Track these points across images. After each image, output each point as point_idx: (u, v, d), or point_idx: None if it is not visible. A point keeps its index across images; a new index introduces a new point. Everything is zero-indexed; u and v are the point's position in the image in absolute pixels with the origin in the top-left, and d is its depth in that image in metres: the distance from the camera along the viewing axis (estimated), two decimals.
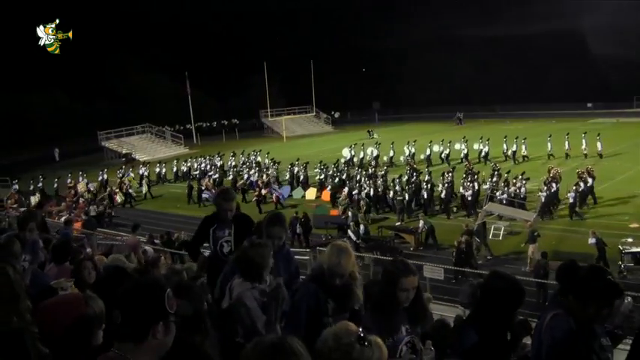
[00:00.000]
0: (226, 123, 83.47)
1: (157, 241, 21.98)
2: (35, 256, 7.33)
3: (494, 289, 4.19)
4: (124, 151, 60.29)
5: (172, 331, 2.79)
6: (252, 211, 29.56)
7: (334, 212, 29.57)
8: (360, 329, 2.80)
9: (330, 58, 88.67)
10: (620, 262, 19.49)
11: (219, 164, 44.67)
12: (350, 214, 27.11)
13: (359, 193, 31.60)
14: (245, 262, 4.98)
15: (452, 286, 18.22)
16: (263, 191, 33.69)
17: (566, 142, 40.97)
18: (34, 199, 38.21)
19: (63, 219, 29.63)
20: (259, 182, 35.26)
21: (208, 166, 44.31)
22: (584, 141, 41.07)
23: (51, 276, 6.72)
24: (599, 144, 40.55)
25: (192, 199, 36.64)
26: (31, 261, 7.12)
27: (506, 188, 28.90)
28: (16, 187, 39.81)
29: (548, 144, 40.99)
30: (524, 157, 41.48)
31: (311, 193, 35.41)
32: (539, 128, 51.61)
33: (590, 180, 29.26)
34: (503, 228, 24.95)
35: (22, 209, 33.77)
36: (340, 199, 30.98)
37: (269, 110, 74.17)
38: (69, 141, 69.37)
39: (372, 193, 31.39)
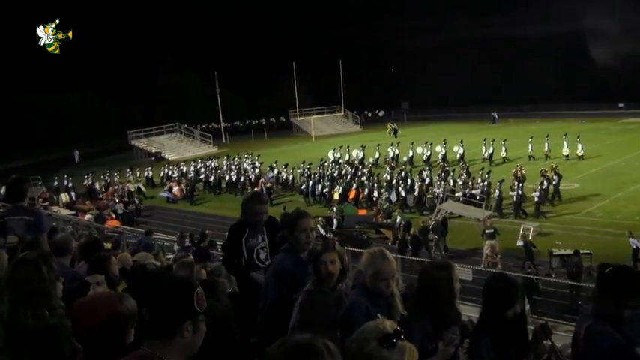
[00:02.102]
0: (255, 122, 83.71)
1: (187, 240, 22.10)
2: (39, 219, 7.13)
3: (491, 289, 4.23)
4: (153, 151, 60.72)
5: (202, 330, 2.81)
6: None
7: (362, 212, 29.77)
8: (395, 329, 2.75)
9: (359, 57, 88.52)
10: (549, 264, 20.66)
11: (213, 165, 44.74)
12: (335, 209, 28.96)
13: (329, 192, 33.73)
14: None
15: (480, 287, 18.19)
16: (256, 189, 34.67)
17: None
18: (65, 197, 38.73)
19: (87, 217, 30.04)
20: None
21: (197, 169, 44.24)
22: (565, 143, 40.82)
23: (82, 273, 6.77)
24: (579, 146, 40.21)
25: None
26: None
27: (463, 186, 31.17)
28: (54, 184, 40.92)
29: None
30: (504, 158, 41.35)
31: (336, 194, 35.38)
32: (568, 128, 51.00)
33: (555, 178, 30.15)
34: (532, 229, 24.78)
35: (53, 207, 34.44)
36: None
37: (297, 110, 74.11)
38: (99, 140, 70.31)
39: (341, 191, 33.18)
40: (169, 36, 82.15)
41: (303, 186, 35.97)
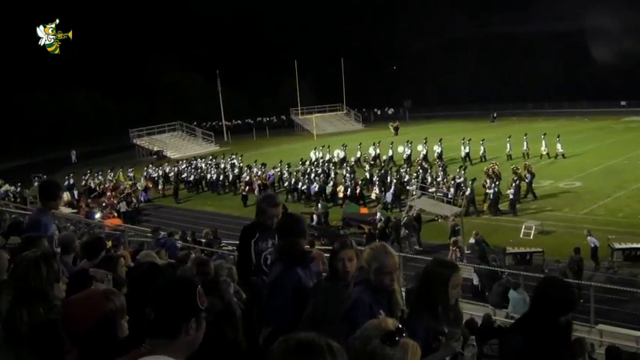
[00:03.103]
0: (262, 120, 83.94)
1: (189, 238, 22.14)
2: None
3: (549, 294, 4.13)
4: (155, 149, 60.72)
5: (203, 327, 2.83)
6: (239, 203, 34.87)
7: (364, 210, 29.81)
8: (397, 327, 2.75)
9: (361, 56, 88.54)
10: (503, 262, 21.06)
11: (194, 165, 45.23)
12: (320, 205, 29.88)
13: (308, 188, 34.81)
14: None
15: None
16: (247, 188, 35.93)
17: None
18: (67, 196, 38.82)
19: (97, 215, 30.12)
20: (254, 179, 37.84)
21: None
22: (543, 142, 41.23)
23: None
24: (558, 145, 40.62)
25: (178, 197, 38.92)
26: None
27: (436, 184, 32.28)
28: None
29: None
30: (482, 157, 41.54)
31: (340, 191, 35.54)
32: (571, 127, 51.04)
33: (528, 176, 30.84)
34: (534, 227, 24.79)
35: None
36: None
37: (300, 108, 74.08)
38: (101, 139, 70.55)
39: (317, 188, 34.30)
40: (171, 35, 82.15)
41: (286, 183, 37.16)
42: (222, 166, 43.94)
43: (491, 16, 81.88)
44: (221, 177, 40.63)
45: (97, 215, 30.54)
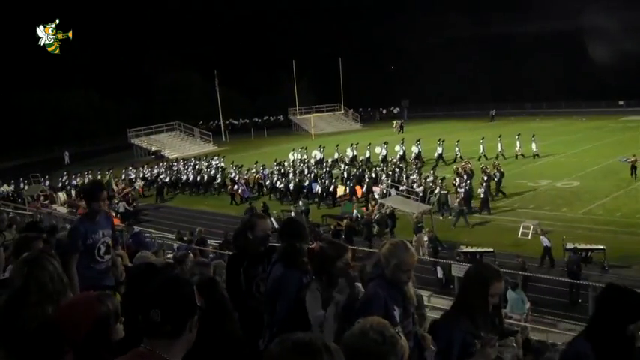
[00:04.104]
0: (269, 119, 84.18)
1: (185, 238, 22.17)
2: (113, 230, 7.00)
3: (612, 302, 3.98)
4: (153, 149, 60.68)
5: (197, 324, 2.84)
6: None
7: (361, 209, 29.95)
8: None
9: (359, 56, 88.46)
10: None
11: (178, 167, 45.64)
12: (300, 203, 30.89)
13: (286, 187, 35.83)
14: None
15: None
16: (235, 187, 37.00)
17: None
18: (63, 196, 38.85)
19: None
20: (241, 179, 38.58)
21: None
22: (517, 142, 41.69)
23: None
24: (533, 145, 41.16)
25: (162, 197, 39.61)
26: (111, 236, 6.86)
27: (408, 182, 32.86)
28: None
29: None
30: (458, 157, 41.45)
31: (341, 190, 35.64)
32: (569, 126, 50.93)
33: (497, 175, 31.57)
34: (532, 227, 24.79)
35: (53, 205, 34.50)
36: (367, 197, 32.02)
37: (297, 108, 74.09)
38: (99, 139, 70.59)
39: (291, 186, 35.48)
40: (170, 34, 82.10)
41: (267, 182, 37.98)
42: (198, 167, 44.52)
43: (490, 15, 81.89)
44: (198, 178, 41.23)
45: None
